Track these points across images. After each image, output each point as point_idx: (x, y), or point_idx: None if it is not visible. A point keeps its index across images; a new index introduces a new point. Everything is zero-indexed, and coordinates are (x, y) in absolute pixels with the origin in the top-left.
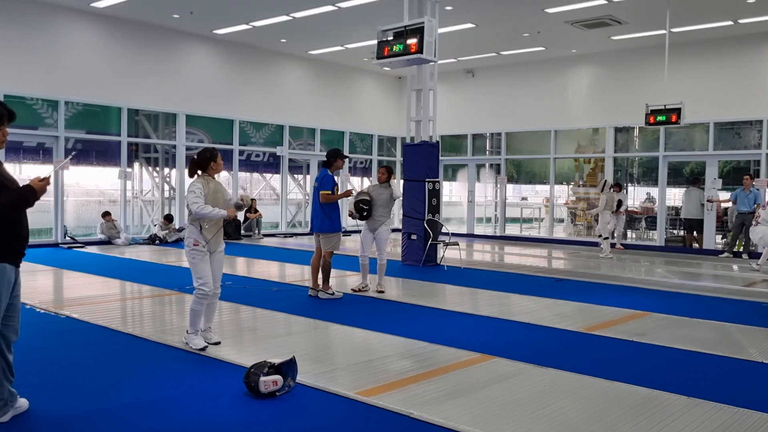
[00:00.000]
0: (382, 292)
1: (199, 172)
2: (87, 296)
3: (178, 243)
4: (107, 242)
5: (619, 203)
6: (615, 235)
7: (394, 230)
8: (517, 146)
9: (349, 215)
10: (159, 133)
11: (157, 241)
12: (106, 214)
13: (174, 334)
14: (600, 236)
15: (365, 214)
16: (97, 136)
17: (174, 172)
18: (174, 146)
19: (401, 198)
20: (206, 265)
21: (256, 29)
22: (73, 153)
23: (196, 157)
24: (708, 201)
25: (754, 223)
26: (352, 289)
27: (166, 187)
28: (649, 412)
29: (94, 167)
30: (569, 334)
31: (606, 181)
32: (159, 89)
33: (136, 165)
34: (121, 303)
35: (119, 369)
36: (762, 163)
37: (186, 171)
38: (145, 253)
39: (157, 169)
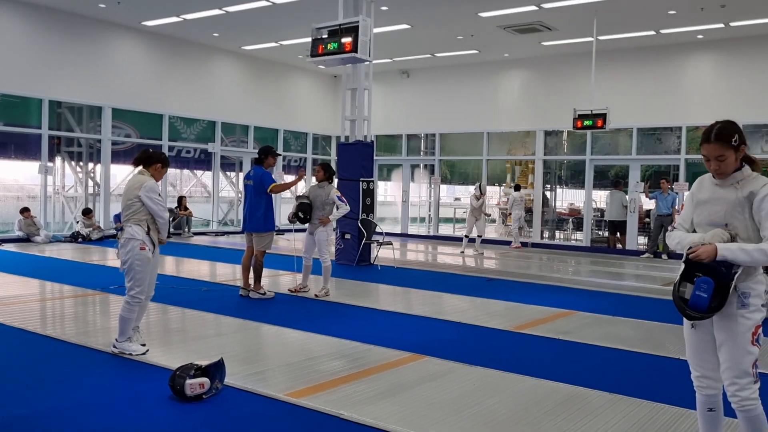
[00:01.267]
0: (316, 296)
1: (141, 167)
2: (3, 297)
3: (102, 241)
4: (26, 240)
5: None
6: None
7: None
8: (450, 147)
9: (289, 219)
10: (83, 126)
11: (79, 239)
12: (24, 210)
13: (97, 335)
14: (466, 235)
15: (304, 216)
16: (16, 129)
17: (99, 167)
18: (99, 141)
19: (340, 203)
20: (149, 270)
21: (187, 22)
22: None
23: (150, 151)
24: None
25: (670, 228)
26: (288, 290)
27: (90, 183)
28: (573, 408)
29: (13, 161)
30: (498, 332)
31: (479, 184)
32: (83, 81)
33: (58, 159)
34: (41, 304)
35: (37, 373)
36: (680, 167)
37: (111, 164)
38: (66, 252)
39: (81, 164)
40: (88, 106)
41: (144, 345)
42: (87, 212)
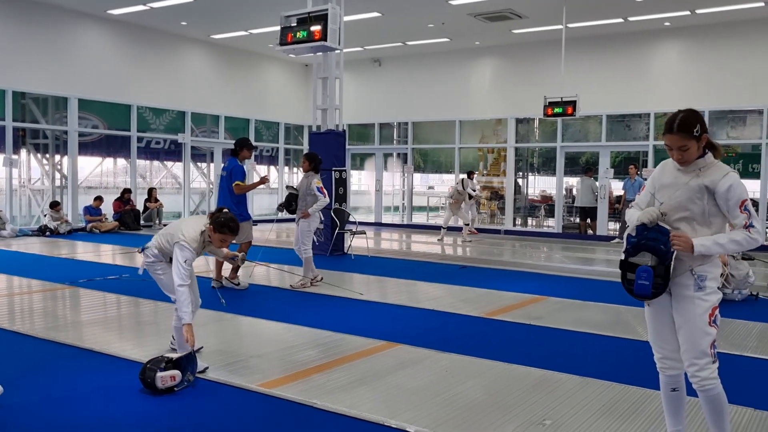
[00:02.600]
0: (291, 287)
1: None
2: None
3: (71, 234)
4: None
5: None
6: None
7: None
8: (423, 136)
9: (278, 209)
10: (49, 117)
11: (47, 233)
12: None
13: (67, 330)
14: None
15: (291, 207)
16: None
17: (66, 159)
18: (65, 132)
19: (319, 195)
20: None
21: (153, 10)
22: None
23: (217, 214)
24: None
25: (629, 206)
26: (291, 286)
27: (57, 176)
28: (544, 391)
29: None
30: (471, 319)
31: (461, 180)
32: (48, 71)
33: (24, 151)
34: (8, 299)
35: (6, 369)
36: (649, 153)
37: (78, 156)
38: (34, 246)
39: (47, 156)
40: (53, 97)
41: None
42: (54, 205)
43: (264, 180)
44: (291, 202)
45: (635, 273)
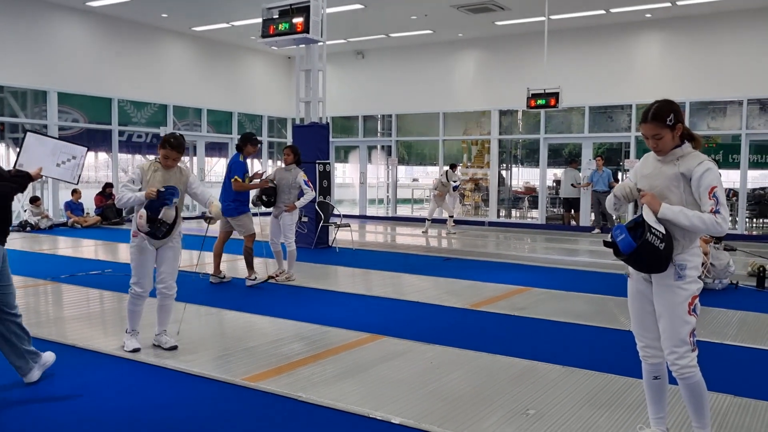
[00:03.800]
0: (276, 280)
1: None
2: None
3: (52, 230)
4: None
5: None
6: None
7: None
8: (407, 128)
9: (253, 203)
10: (27, 111)
11: (28, 228)
12: None
13: (50, 326)
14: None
15: (269, 200)
16: None
17: None
18: (45, 126)
19: (306, 188)
20: (144, 260)
21: (133, 2)
22: None
23: (177, 134)
24: (576, 185)
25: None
26: (269, 276)
27: None
28: (528, 381)
29: None
30: (456, 311)
31: (446, 171)
32: (27, 64)
33: (2, 146)
34: None
35: None
36: (631, 145)
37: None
38: (15, 241)
39: None
40: (32, 91)
41: (162, 347)
42: (35, 200)
43: (265, 183)
44: (262, 195)
45: (616, 242)
